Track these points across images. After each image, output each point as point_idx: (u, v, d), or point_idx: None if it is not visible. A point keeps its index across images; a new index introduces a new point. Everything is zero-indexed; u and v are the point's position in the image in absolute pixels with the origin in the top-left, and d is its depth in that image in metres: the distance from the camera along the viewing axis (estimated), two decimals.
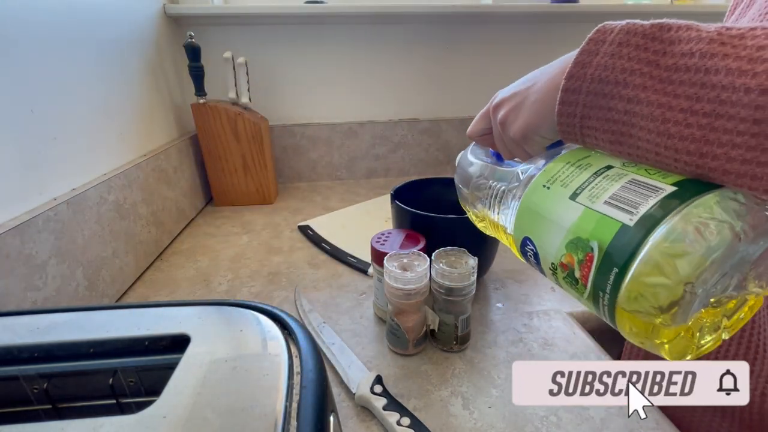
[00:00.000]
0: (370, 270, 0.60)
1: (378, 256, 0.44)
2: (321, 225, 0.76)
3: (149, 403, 0.18)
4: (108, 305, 0.26)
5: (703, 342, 0.24)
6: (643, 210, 0.23)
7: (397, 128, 1.03)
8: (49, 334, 0.23)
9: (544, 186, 0.29)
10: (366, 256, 0.64)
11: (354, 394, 0.37)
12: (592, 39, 0.25)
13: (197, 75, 0.78)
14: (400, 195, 0.56)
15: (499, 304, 0.52)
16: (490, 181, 0.35)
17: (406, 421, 0.33)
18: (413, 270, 0.40)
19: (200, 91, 0.79)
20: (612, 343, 0.50)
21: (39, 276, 0.42)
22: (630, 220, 0.23)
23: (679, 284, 0.20)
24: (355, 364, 0.41)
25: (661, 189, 0.23)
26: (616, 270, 0.23)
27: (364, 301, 0.54)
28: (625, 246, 0.23)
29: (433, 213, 0.49)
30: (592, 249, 0.25)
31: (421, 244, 0.46)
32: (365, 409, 0.37)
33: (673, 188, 0.22)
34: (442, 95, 1.04)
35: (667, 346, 0.23)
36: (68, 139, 0.50)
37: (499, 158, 0.37)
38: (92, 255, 0.50)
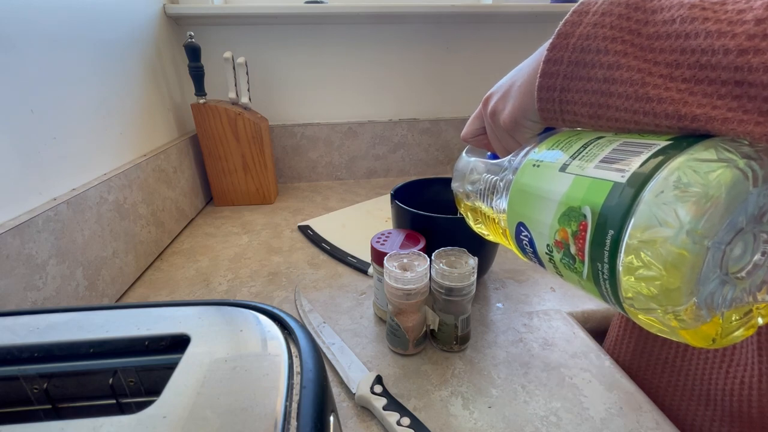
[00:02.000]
0: (370, 270, 0.60)
1: (378, 256, 0.44)
2: (321, 225, 0.76)
3: (149, 403, 0.18)
4: (108, 305, 0.26)
5: (731, 326, 0.21)
6: (635, 165, 0.21)
7: (397, 128, 1.03)
8: (49, 334, 0.23)
9: (533, 166, 0.28)
10: (366, 256, 0.64)
11: (354, 394, 0.37)
12: (576, 11, 0.25)
13: (197, 75, 0.78)
14: (400, 195, 0.56)
15: (499, 304, 0.52)
16: (484, 175, 0.35)
17: (406, 421, 0.33)
18: (413, 270, 0.40)
19: (200, 91, 0.79)
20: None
21: (39, 276, 0.42)
22: (622, 177, 0.21)
23: (683, 234, 0.18)
24: (355, 364, 0.41)
25: (654, 144, 0.21)
26: (612, 233, 0.21)
27: (364, 301, 0.54)
28: (619, 204, 0.21)
29: (433, 213, 0.49)
30: (585, 216, 0.23)
31: (421, 244, 0.46)
32: (365, 409, 0.37)
33: (668, 142, 0.21)
34: (442, 95, 1.04)
35: (684, 332, 0.21)
36: (68, 139, 0.50)
37: (494, 159, 0.37)
38: (92, 255, 0.50)
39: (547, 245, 0.27)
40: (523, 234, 0.29)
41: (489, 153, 0.38)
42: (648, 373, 0.42)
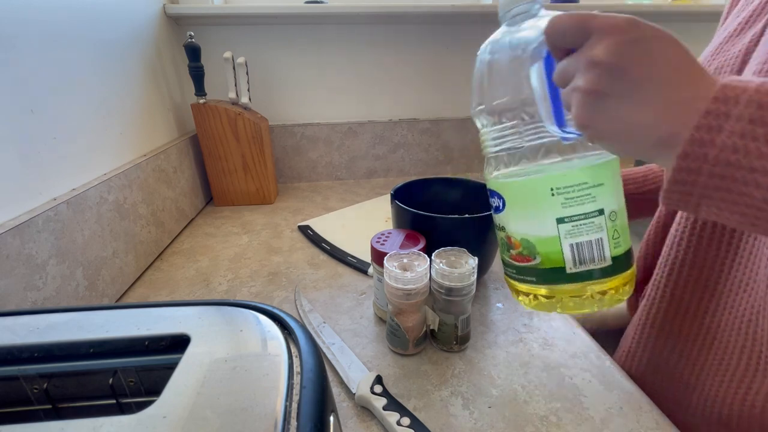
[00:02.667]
0: (370, 270, 0.60)
1: (378, 256, 0.44)
2: (321, 225, 0.76)
3: (149, 403, 0.18)
4: (108, 305, 0.26)
5: (569, 305, 0.33)
6: (582, 269, 0.32)
7: (397, 128, 1.03)
8: (49, 334, 0.23)
9: (551, 189, 0.31)
10: (366, 256, 0.64)
11: (354, 394, 0.37)
12: (712, 112, 0.21)
13: (197, 75, 0.78)
14: (400, 195, 0.56)
15: (499, 304, 0.52)
16: (522, 113, 0.31)
17: (406, 421, 0.33)
18: (413, 270, 0.40)
19: (200, 91, 0.79)
20: (612, 343, 0.50)
21: (39, 276, 0.42)
22: (570, 269, 0.32)
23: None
24: (355, 364, 0.41)
25: (605, 259, 0.31)
26: (533, 279, 0.34)
27: (364, 301, 0.54)
28: (552, 279, 0.33)
29: (433, 213, 0.49)
30: (534, 258, 0.33)
31: (421, 244, 0.46)
32: (365, 409, 0.37)
33: (609, 263, 0.32)
34: (442, 95, 1.04)
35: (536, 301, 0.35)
36: (68, 139, 0.50)
37: (550, 78, 0.29)
38: (92, 255, 0.50)
39: (502, 226, 0.36)
40: (495, 199, 0.36)
41: (547, 61, 0.29)
42: (661, 388, 0.41)
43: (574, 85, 0.25)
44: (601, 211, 0.31)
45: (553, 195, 0.31)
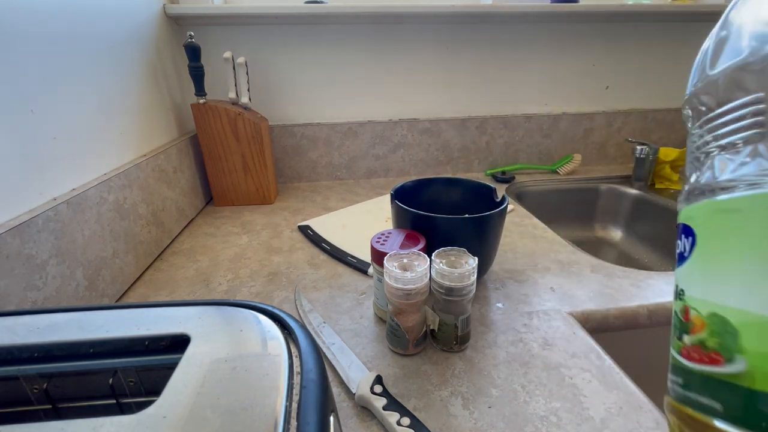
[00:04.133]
0: (370, 270, 0.60)
1: (378, 256, 0.44)
2: (321, 225, 0.76)
3: (149, 403, 0.18)
4: (108, 305, 0.26)
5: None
6: None
7: (397, 128, 1.03)
8: (49, 334, 0.23)
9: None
10: (366, 256, 0.64)
11: (354, 394, 0.37)
12: None
13: (197, 75, 0.78)
14: (400, 195, 0.56)
15: (499, 304, 0.52)
16: (758, 92, 0.18)
17: (406, 421, 0.33)
18: (413, 270, 0.40)
19: (200, 91, 0.79)
20: (612, 343, 0.50)
21: (39, 276, 0.42)
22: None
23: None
24: (355, 364, 0.41)
25: None
26: (717, 407, 0.17)
27: (364, 301, 0.54)
28: (762, 419, 0.16)
29: (433, 213, 0.49)
30: (730, 360, 0.17)
31: (421, 244, 0.46)
32: (365, 409, 0.37)
33: None
34: (442, 95, 1.04)
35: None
36: (68, 139, 0.50)
37: None
38: (92, 255, 0.50)
39: (682, 290, 0.21)
40: (686, 236, 0.21)
41: None
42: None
43: None
44: None
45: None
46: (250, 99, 0.84)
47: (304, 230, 0.75)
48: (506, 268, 0.61)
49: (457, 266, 0.42)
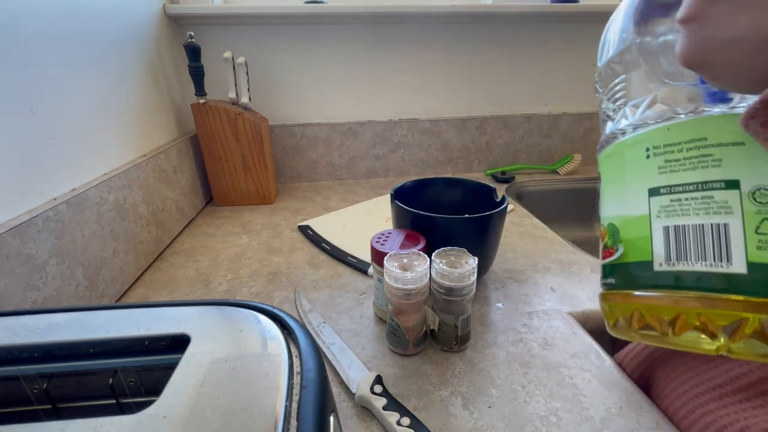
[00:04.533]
0: (370, 270, 0.60)
1: (378, 256, 0.44)
2: (321, 225, 0.76)
3: (149, 403, 0.18)
4: (108, 305, 0.26)
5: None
6: (681, 267, 0.21)
7: (397, 128, 1.03)
8: (49, 334, 0.23)
9: (646, 150, 0.23)
10: (366, 256, 0.64)
11: (354, 394, 0.37)
12: None
13: (197, 75, 0.78)
14: (400, 195, 0.56)
15: (499, 304, 0.52)
16: (622, 74, 0.27)
17: (406, 421, 0.33)
18: (413, 270, 0.40)
19: (200, 91, 0.79)
20: (612, 343, 0.50)
21: (39, 276, 0.42)
22: (659, 265, 0.22)
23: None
24: (355, 364, 0.41)
25: (729, 260, 0.20)
26: (611, 282, 0.26)
27: (364, 301, 0.54)
28: (633, 280, 0.23)
29: (433, 213, 0.49)
30: (617, 249, 0.25)
31: (421, 244, 0.46)
32: (365, 409, 0.37)
33: (743, 271, 0.19)
34: (442, 95, 1.04)
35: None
36: (68, 139, 0.50)
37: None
38: (92, 255, 0.50)
39: (599, 218, 0.28)
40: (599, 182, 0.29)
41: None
42: (658, 383, 0.39)
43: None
44: (731, 184, 0.20)
45: (648, 157, 0.23)
46: (250, 99, 0.84)
47: (304, 230, 0.75)
48: (506, 268, 0.61)
49: (457, 266, 0.42)
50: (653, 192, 0.22)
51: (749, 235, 0.20)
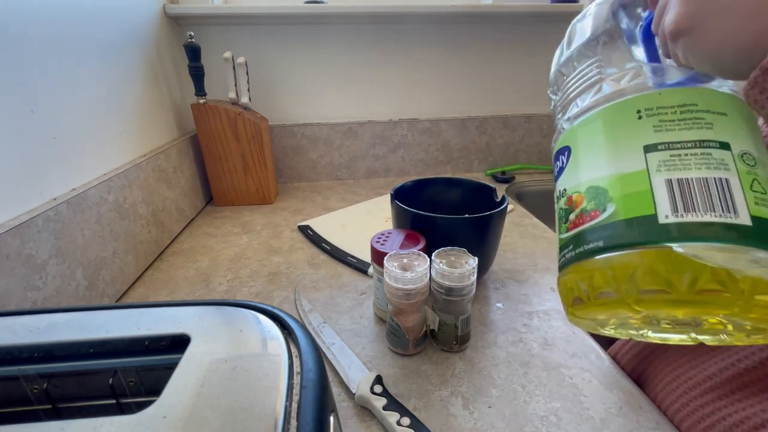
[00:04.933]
0: (370, 270, 0.60)
1: (378, 256, 0.44)
2: (321, 225, 0.76)
3: (149, 403, 0.18)
4: (108, 305, 0.26)
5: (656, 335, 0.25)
6: (690, 218, 0.20)
7: (397, 128, 1.03)
8: (49, 334, 0.23)
9: (637, 112, 0.24)
10: (366, 256, 0.64)
11: (354, 394, 0.37)
12: None
13: (197, 75, 0.78)
14: (400, 195, 0.56)
15: (499, 304, 0.52)
16: (598, 55, 0.29)
17: (406, 421, 0.33)
18: (413, 270, 0.40)
19: (200, 91, 0.79)
20: (612, 343, 0.50)
21: (39, 276, 0.42)
22: (666, 217, 0.21)
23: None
24: (355, 364, 0.41)
25: (735, 211, 0.20)
26: (600, 244, 0.23)
27: (364, 301, 0.54)
28: (633, 236, 0.21)
29: (433, 213, 0.49)
30: (604, 210, 0.23)
31: (421, 244, 0.46)
32: (365, 409, 0.37)
33: (747, 223, 0.20)
34: (442, 95, 1.04)
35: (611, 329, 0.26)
36: (68, 139, 0.50)
37: (648, 36, 0.28)
38: (92, 255, 0.50)
39: (564, 189, 0.28)
40: (561, 158, 0.28)
41: (647, 13, 0.29)
42: (653, 376, 0.40)
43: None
44: (724, 145, 0.22)
45: (640, 118, 0.24)
46: (250, 99, 0.84)
47: (304, 230, 0.75)
48: (506, 268, 0.61)
49: (457, 266, 0.42)
50: (650, 148, 0.22)
51: (747, 191, 0.21)
